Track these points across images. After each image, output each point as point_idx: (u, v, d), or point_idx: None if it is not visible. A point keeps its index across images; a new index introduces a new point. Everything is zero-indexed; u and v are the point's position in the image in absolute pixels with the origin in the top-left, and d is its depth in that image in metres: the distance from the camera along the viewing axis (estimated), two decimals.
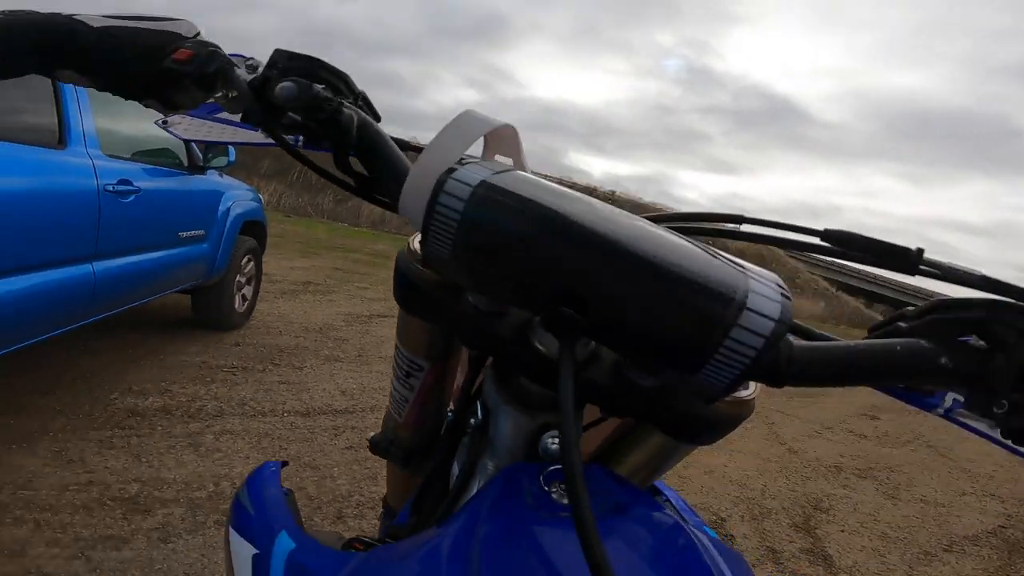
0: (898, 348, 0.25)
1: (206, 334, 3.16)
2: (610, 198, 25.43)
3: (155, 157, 2.64)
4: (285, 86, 0.33)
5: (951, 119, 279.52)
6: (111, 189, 2.10)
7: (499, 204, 0.25)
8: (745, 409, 0.30)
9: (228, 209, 3.20)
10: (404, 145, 0.37)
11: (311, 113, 0.33)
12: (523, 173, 0.28)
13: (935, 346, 0.25)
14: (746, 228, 0.41)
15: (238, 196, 3.39)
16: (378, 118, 0.37)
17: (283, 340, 3.37)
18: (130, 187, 2.23)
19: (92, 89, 0.39)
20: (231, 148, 3.11)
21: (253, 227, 3.55)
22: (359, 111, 0.35)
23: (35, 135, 1.81)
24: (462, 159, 0.28)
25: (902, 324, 0.27)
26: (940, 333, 0.26)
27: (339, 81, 0.36)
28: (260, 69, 0.36)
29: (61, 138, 1.92)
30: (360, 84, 0.37)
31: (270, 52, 0.36)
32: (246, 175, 15.12)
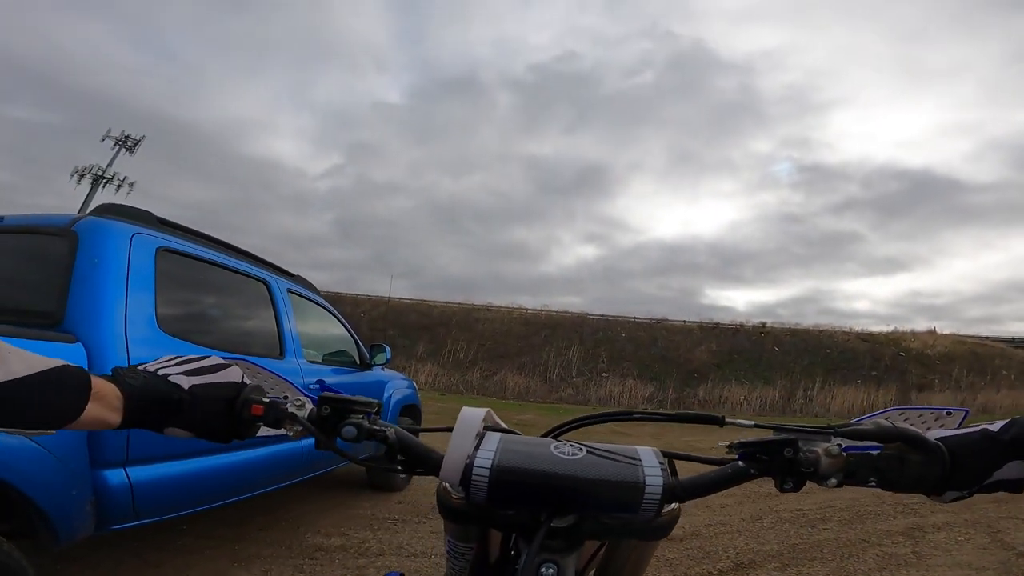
0: (729, 470, 0.49)
1: (377, 494, 3.81)
2: (761, 331, 23.68)
3: (336, 357, 3.54)
4: (348, 430, 0.51)
5: None
6: (312, 387, 2.87)
7: (509, 475, 0.46)
8: (675, 515, 0.50)
9: (390, 396, 3.95)
10: (415, 429, 0.57)
11: (370, 438, 0.52)
12: (506, 441, 0.49)
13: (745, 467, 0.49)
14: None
15: (397, 385, 4.20)
16: (380, 407, 0.56)
17: (434, 499, 3.78)
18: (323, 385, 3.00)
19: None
20: (387, 347, 3.96)
21: (409, 409, 4.29)
22: (389, 425, 0.53)
23: (268, 350, 2.71)
24: (482, 431, 0.51)
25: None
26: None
27: (368, 407, 0.54)
28: (307, 406, 0.54)
29: (281, 351, 2.80)
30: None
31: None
32: (405, 358, 17.18)
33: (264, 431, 0.55)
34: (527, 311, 22.75)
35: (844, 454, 0.45)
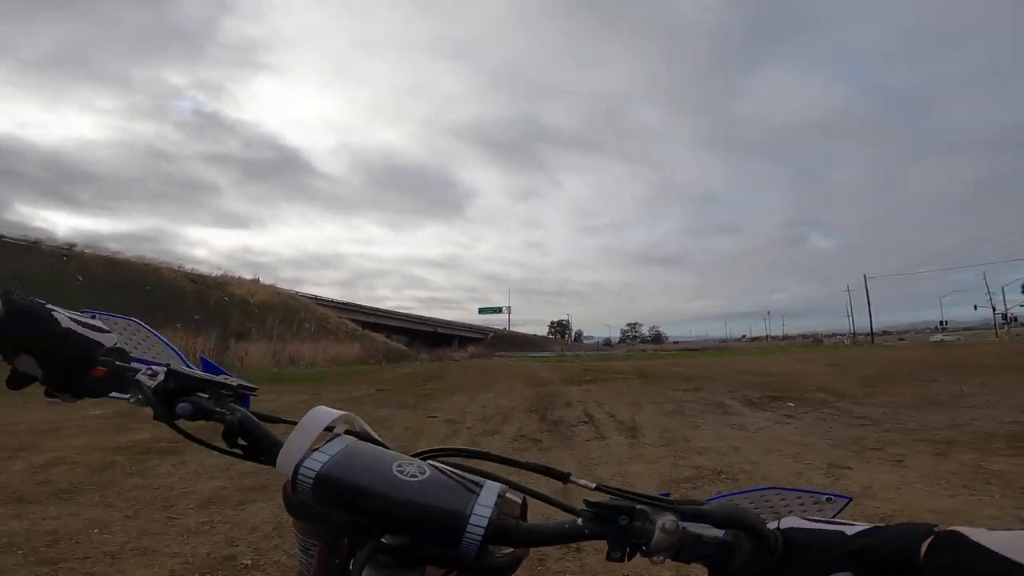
0: (567, 525, 0.44)
1: None
2: (65, 252, 17.87)
3: None
4: (183, 407, 0.51)
5: (415, 172, 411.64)
6: None
7: (331, 484, 0.43)
8: (512, 557, 0.46)
9: None
10: (271, 418, 0.54)
11: (206, 419, 0.51)
12: (351, 448, 0.47)
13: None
14: None
15: None
16: (253, 389, 0.57)
17: None
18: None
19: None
20: None
21: None
22: (238, 409, 0.52)
23: None
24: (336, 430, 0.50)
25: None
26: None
27: (219, 388, 0.53)
28: (160, 376, 0.53)
29: None
30: None
31: None
32: None
33: (116, 395, 0.56)
34: None
35: (680, 530, 0.41)
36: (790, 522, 0.41)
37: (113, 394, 0.54)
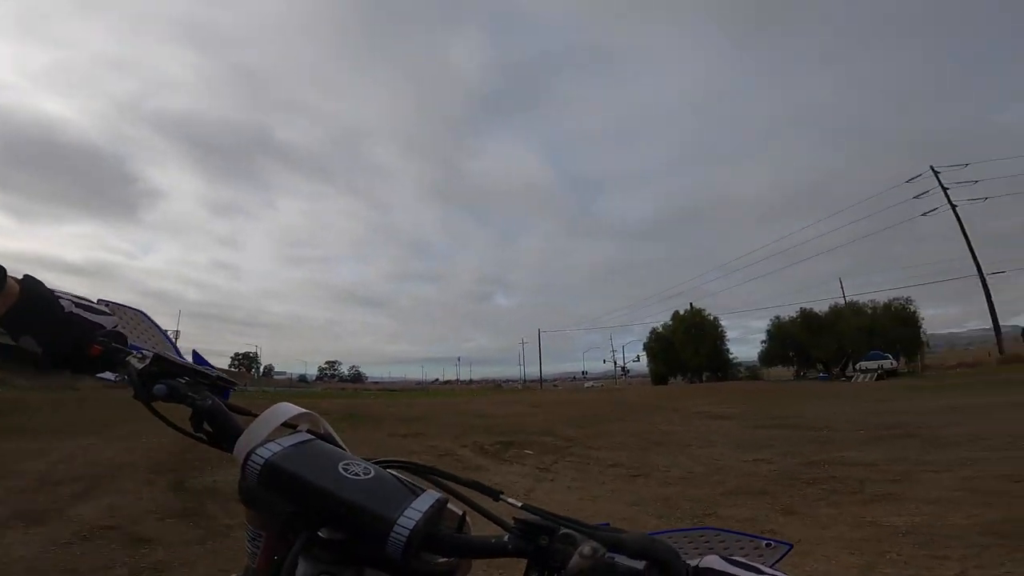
0: (492, 540, 0.46)
1: None
2: None
3: None
4: (159, 388, 0.56)
5: (81, 156, 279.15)
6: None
7: (277, 472, 0.47)
8: (447, 567, 0.48)
9: None
10: (244, 411, 0.59)
11: (179, 401, 0.57)
12: (305, 444, 0.51)
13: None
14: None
15: None
16: (233, 384, 0.64)
17: None
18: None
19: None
20: None
21: None
22: (210, 397, 0.57)
23: None
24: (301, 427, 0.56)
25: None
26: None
27: (196, 376, 0.61)
28: (148, 360, 0.59)
29: None
30: None
31: None
32: None
33: (106, 375, 0.60)
34: None
35: (598, 557, 0.41)
36: (710, 562, 0.42)
37: (105, 374, 0.60)
